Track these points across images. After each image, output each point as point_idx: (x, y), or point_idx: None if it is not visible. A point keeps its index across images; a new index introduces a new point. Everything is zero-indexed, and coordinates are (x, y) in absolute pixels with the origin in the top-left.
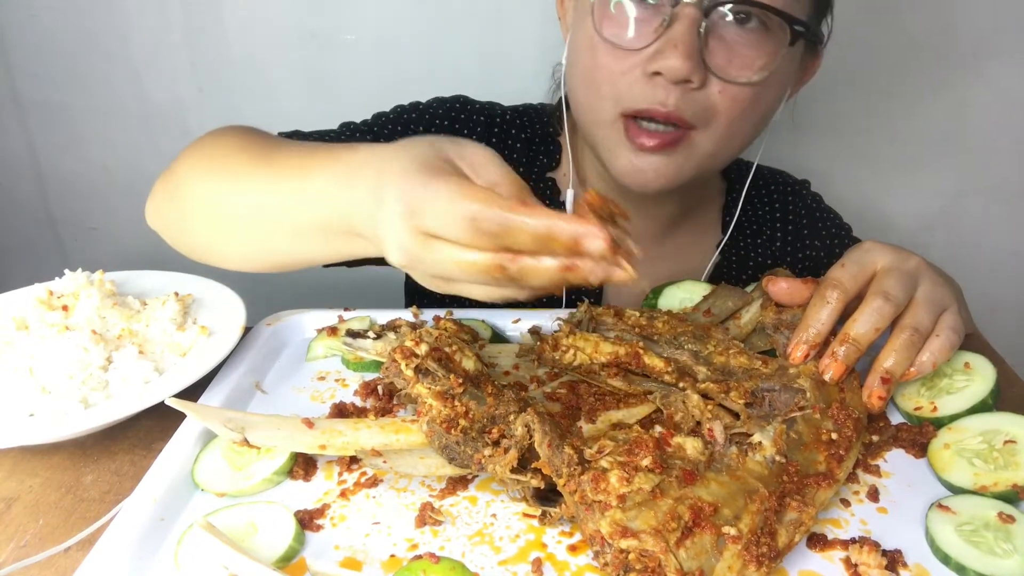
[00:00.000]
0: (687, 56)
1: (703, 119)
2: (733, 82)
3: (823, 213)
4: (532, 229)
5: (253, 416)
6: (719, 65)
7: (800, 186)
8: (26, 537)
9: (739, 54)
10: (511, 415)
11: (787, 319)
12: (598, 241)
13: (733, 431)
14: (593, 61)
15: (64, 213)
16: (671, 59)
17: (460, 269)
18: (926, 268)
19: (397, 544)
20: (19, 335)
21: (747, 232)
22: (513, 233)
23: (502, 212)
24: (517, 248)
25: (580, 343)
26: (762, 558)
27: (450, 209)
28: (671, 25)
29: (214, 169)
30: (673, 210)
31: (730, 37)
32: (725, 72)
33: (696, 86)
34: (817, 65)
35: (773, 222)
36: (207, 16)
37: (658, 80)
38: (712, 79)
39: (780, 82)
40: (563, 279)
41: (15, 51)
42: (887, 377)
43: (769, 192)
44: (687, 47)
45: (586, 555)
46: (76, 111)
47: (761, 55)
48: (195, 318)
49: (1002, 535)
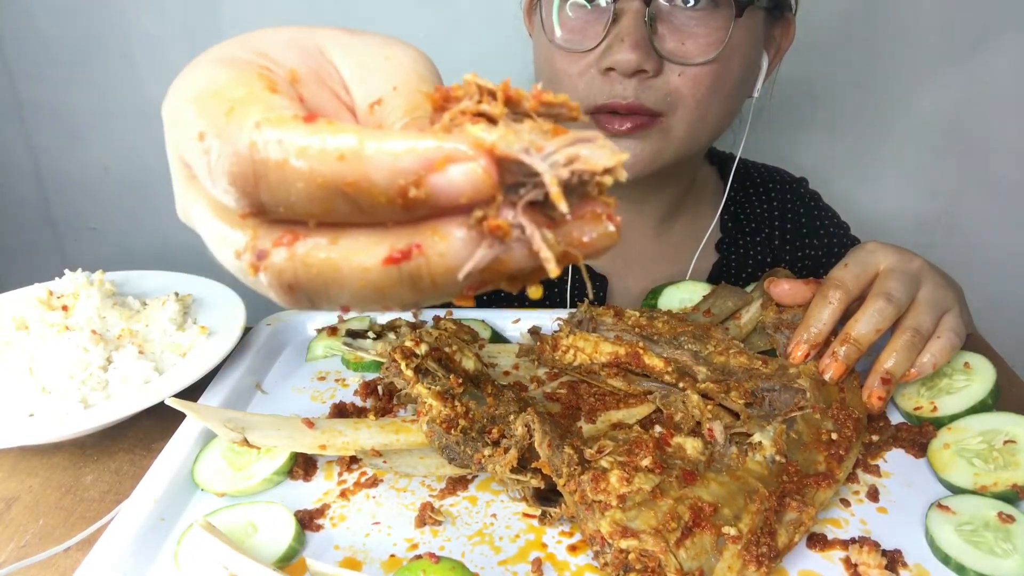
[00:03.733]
0: (635, 47)
1: (669, 105)
2: (688, 64)
3: (821, 211)
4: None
5: (253, 416)
6: (671, 50)
7: (798, 184)
8: (26, 537)
9: (690, 35)
10: (511, 415)
11: (787, 319)
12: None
13: (733, 431)
14: (552, 68)
15: (64, 213)
16: (620, 53)
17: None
18: (928, 270)
19: (397, 544)
20: (19, 335)
21: (746, 231)
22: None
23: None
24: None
25: (580, 343)
26: (762, 558)
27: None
28: (617, 20)
29: None
30: (663, 206)
31: (678, 20)
32: (679, 56)
33: (651, 75)
34: (790, 33)
35: (771, 220)
36: (207, 16)
37: (613, 75)
38: (668, 66)
39: (744, 54)
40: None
41: (15, 51)
42: (887, 378)
43: (768, 190)
44: (633, 38)
45: (586, 555)
46: (76, 111)
47: (711, 31)
48: (195, 318)
49: (1002, 535)
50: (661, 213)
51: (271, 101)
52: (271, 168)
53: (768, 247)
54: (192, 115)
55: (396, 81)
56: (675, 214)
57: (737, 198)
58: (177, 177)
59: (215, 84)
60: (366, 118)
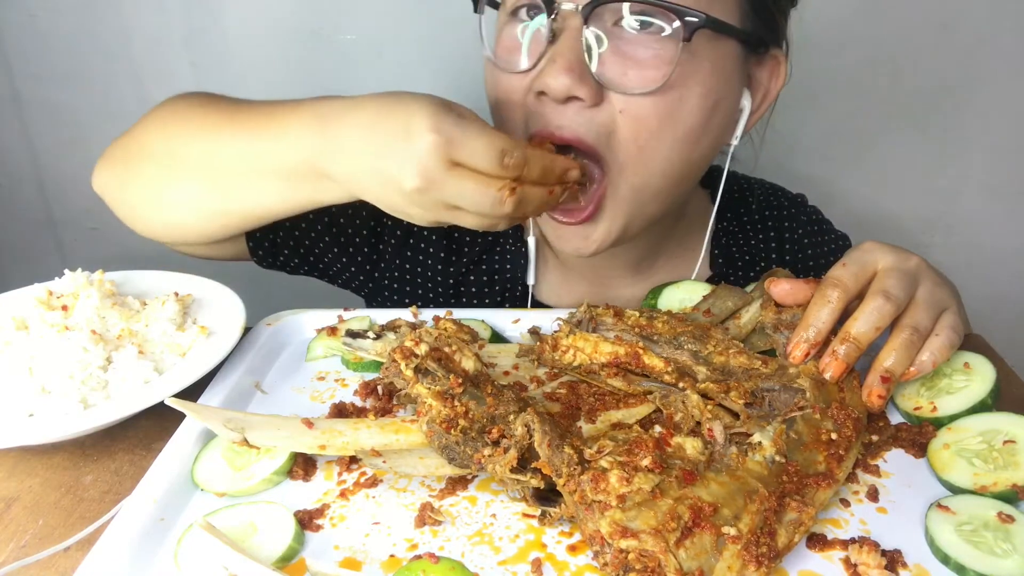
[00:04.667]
0: (566, 69)
1: (606, 144)
2: (629, 93)
3: (824, 232)
4: (543, 161)
5: (253, 416)
6: (612, 78)
7: (799, 208)
8: (26, 537)
9: (634, 61)
10: (511, 415)
11: (787, 319)
12: (575, 171)
13: (733, 431)
14: (495, 91)
15: (64, 213)
16: (550, 75)
17: (478, 193)
18: (926, 268)
19: (397, 544)
20: (19, 335)
21: (738, 264)
22: (530, 164)
23: (524, 148)
24: (525, 178)
25: (580, 343)
26: (762, 558)
27: (485, 143)
28: (555, 40)
29: (172, 120)
30: (638, 251)
31: (625, 45)
32: (620, 85)
33: (588, 103)
34: (781, 74)
35: (768, 253)
36: (207, 16)
37: (545, 100)
38: (611, 97)
39: (707, 91)
40: (547, 202)
41: (15, 51)
42: (887, 376)
43: (764, 218)
44: (566, 60)
45: (586, 555)
46: (76, 111)
47: (658, 59)
48: (195, 318)
49: (1001, 535)
50: (637, 256)
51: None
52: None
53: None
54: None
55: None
56: (657, 253)
57: (730, 228)
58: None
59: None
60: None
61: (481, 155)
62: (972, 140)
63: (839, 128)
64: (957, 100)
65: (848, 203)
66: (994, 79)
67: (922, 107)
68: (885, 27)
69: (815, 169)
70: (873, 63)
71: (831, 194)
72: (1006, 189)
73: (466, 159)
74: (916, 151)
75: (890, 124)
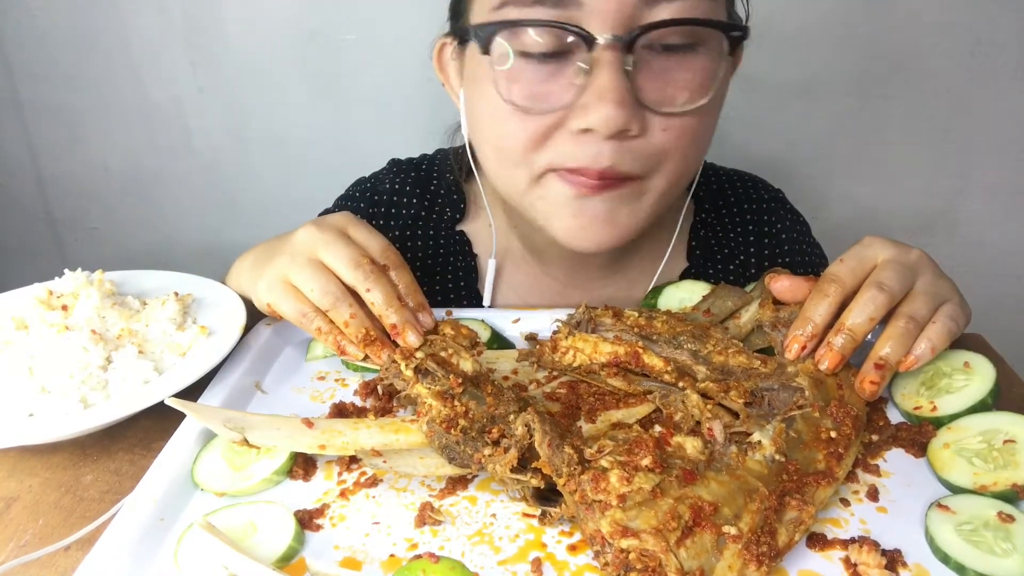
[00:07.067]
0: (620, 104)
1: (649, 166)
2: (677, 114)
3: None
4: (382, 295)
5: (253, 416)
6: (656, 100)
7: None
8: (26, 537)
9: (675, 81)
10: (511, 415)
11: (785, 317)
12: (415, 339)
13: (733, 430)
14: (502, 130)
15: (64, 213)
16: (601, 111)
17: (322, 289)
18: (928, 261)
19: (397, 544)
20: (19, 335)
21: (717, 257)
22: (373, 285)
23: (371, 270)
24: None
25: (579, 344)
26: (762, 557)
27: (346, 252)
28: (592, 72)
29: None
30: (618, 250)
31: (660, 66)
32: (665, 105)
33: (636, 133)
34: (739, 59)
35: (747, 245)
36: (207, 16)
37: (588, 137)
38: (652, 119)
39: (725, 89)
40: (360, 339)
41: (15, 51)
42: (880, 363)
43: (742, 211)
44: (617, 94)
45: (586, 555)
46: (76, 111)
47: (695, 74)
48: (195, 318)
49: (1001, 535)
50: (617, 253)
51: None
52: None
53: (743, 274)
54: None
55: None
56: (632, 251)
57: (708, 220)
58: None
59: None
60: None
61: (342, 260)
62: (972, 140)
63: (839, 128)
64: (957, 100)
65: (848, 202)
66: (994, 79)
67: (922, 107)
68: (885, 27)
69: (815, 168)
70: (873, 62)
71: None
72: (1006, 189)
73: (330, 261)
74: (916, 151)
75: (890, 124)
